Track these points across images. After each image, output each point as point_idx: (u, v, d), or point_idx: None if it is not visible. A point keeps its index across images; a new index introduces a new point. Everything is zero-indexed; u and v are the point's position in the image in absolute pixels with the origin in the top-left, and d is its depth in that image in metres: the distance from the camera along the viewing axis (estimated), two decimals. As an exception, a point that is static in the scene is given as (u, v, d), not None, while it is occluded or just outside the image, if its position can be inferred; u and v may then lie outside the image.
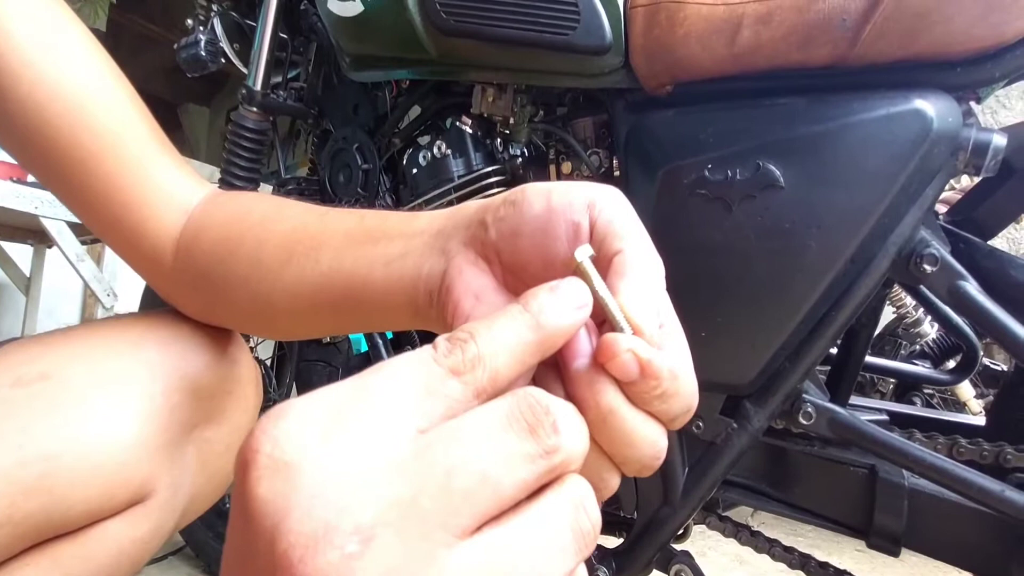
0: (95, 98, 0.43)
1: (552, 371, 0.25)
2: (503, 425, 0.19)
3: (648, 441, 0.23)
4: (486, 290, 0.30)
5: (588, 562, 0.78)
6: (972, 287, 0.61)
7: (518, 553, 0.18)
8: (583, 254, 0.24)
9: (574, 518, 0.19)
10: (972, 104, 0.64)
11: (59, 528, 0.39)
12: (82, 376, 0.42)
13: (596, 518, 0.20)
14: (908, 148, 0.59)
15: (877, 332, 1.86)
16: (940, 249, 0.61)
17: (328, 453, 0.17)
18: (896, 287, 1.45)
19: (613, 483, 0.24)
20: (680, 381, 0.23)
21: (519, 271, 0.29)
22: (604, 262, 0.26)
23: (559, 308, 0.22)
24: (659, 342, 0.23)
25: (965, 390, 1.65)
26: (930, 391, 1.75)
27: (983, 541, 0.66)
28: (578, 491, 0.19)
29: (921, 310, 1.47)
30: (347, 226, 0.38)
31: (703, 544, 1.67)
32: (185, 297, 0.49)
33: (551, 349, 0.22)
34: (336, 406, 0.19)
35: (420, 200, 0.88)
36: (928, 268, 0.61)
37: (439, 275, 0.31)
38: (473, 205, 0.32)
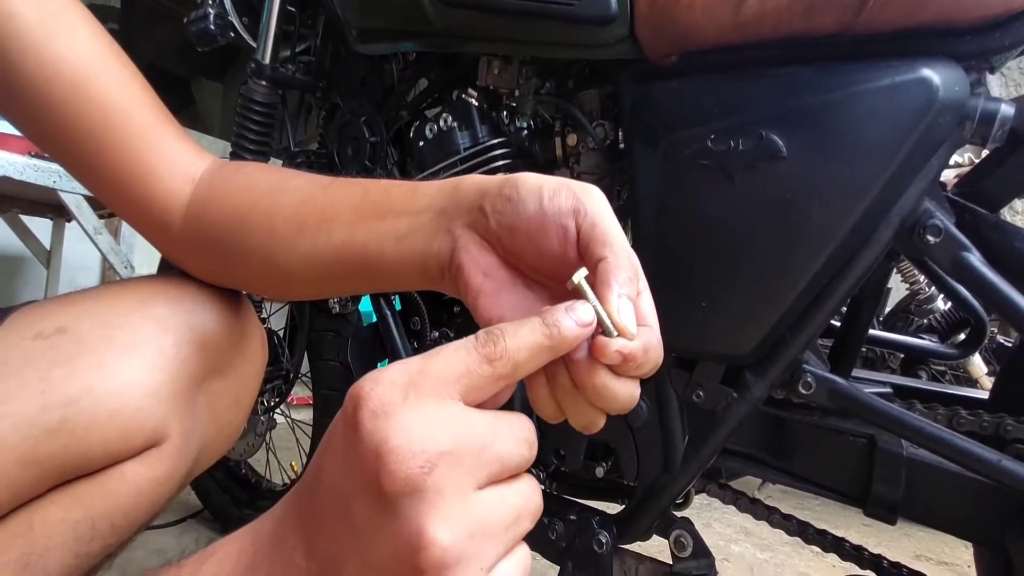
0: (100, 74, 0.45)
1: (558, 360, 0.33)
2: (518, 438, 0.29)
3: (626, 394, 0.32)
4: (492, 267, 0.36)
5: (590, 526, 0.80)
6: (975, 258, 0.60)
7: (509, 504, 0.28)
8: (579, 276, 0.31)
9: (534, 495, 0.30)
10: (987, 74, 0.63)
11: (80, 468, 0.42)
12: (97, 330, 0.44)
13: (540, 502, 0.30)
14: (912, 117, 0.58)
15: (890, 308, 1.85)
16: (944, 220, 0.61)
17: (408, 408, 0.27)
18: (908, 263, 1.44)
19: (600, 422, 0.33)
20: (651, 353, 0.32)
21: (517, 256, 0.36)
22: (591, 264, 0.33)
23: (570, 324, 0.30)
24: (635, 332, 0.31)
25: (977, 367, 1.63)
26: (942, 368, 1.74)
27: (980, 510, 0.66)
28: (532, 487, 0.30)
29: (934, 286, 1.45)
30: (353, 200, 0.42)
31: (708, 516, 1.69)
32: (195, 261, 0.51)
33: (561, 353, 0.31)
34: (411, 376, 0.28)
35: (427, 173, 0.89)
36: (931, 239, 0.61)
37: (448, 253, 0.37)
38: (472, 186, 0.37)
